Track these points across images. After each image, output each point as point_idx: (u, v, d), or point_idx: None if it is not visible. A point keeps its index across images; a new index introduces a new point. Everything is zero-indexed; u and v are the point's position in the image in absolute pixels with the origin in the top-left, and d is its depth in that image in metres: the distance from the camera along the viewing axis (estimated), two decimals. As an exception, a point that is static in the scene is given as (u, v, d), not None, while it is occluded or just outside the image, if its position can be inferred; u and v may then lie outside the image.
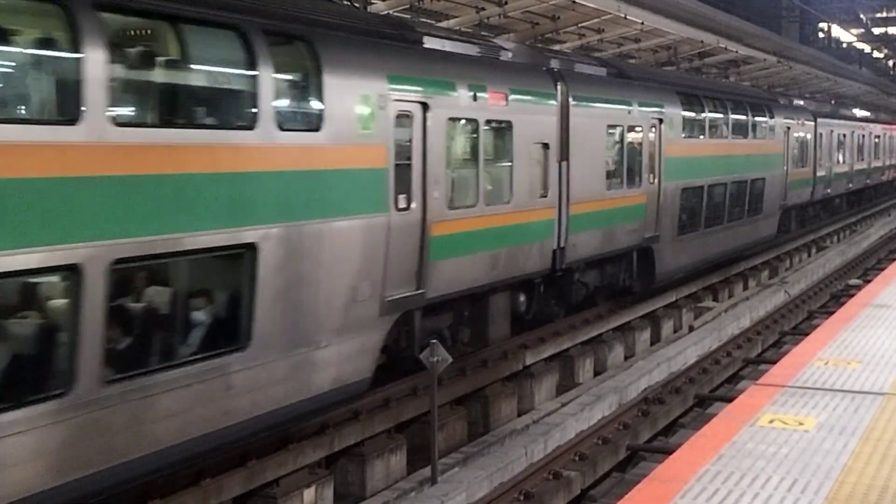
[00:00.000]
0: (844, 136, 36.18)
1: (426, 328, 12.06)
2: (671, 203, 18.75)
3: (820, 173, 32.09)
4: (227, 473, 9.49)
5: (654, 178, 17.94)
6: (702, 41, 25.72)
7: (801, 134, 29.15)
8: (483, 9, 18.57)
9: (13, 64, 7.56)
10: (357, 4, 14.56)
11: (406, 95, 11.13)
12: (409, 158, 11.22)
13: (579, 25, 20.95)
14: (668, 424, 13.16)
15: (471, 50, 13.46)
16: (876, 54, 75.91)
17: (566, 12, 19.73)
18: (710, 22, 25.49)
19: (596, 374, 16.07)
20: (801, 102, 33.32)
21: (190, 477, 9.19)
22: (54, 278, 7.56)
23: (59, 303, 7.60)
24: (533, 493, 10.03)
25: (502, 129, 13.38)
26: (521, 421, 13.32)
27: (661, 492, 5.63)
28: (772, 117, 25.07)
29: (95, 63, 7.37)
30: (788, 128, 26.97)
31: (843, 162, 36.32)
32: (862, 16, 70.80)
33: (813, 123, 30.54)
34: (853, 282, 23.52)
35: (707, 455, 6.18)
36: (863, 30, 70.81)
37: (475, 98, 12.44)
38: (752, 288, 23.95)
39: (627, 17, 20.40)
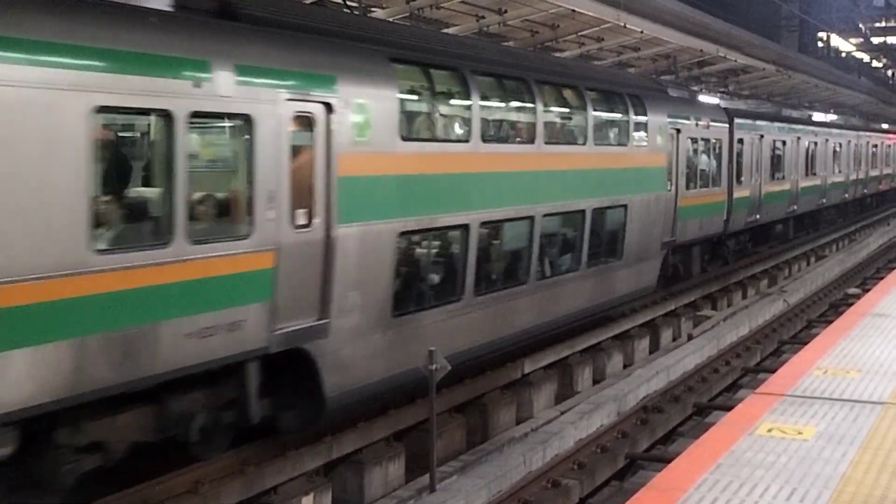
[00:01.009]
0: (784, 143, 28.08)
1: None
2: (368, 262, 10.36)
3: (740, 194, 23.63)
4: (224, 480, 9.46)
5: (309, 218, 9.55)
6: (701, 50, 25.77)
7: (705, 140, 21.03)
8: (482, 17, 18.63)
9: None
10: (357, 11, 14.63)
11: None
12: None
13: (579, 34, 21.01)
14: (667, 433, 13.18)
15: None
16: (875, 64, 76.19)
17: (566, 21, 19.81)
18: (709, 31, 25.55)
19: (595, 382, 16.05)
20: (710, 98, 25.21)
21: (188, 484, 9.18)
22: None
23: None
24: (531, 501, 10.04)
25: None
26: (519, 429, 13.30)
27: (660, 500, 5.63)
28: (642, 114, 16.89)
29: None
30: (678, 130, 19.01)
31: (783, 178, 28.01)
32: (861, 25, 71.08)
33: (727, 126, 22.60)
34: (852, 291, 23.58)
35: (706, 464, 6.18)
36: (862, 39, 71.13)
37: None
38: (750, 297, 23.96)
39: (627, 25, 20.43)
